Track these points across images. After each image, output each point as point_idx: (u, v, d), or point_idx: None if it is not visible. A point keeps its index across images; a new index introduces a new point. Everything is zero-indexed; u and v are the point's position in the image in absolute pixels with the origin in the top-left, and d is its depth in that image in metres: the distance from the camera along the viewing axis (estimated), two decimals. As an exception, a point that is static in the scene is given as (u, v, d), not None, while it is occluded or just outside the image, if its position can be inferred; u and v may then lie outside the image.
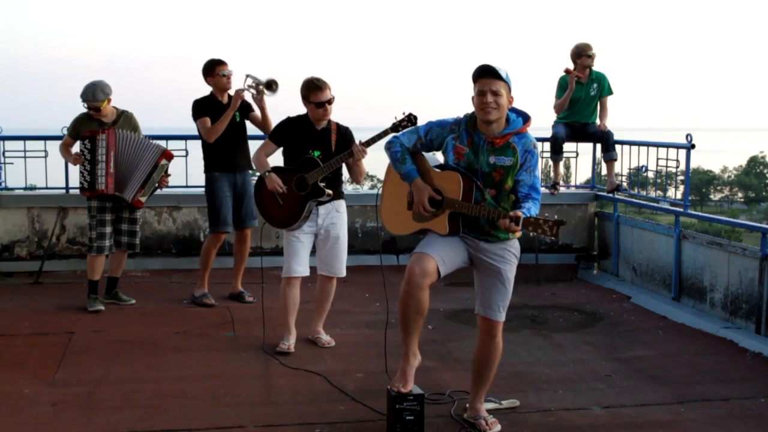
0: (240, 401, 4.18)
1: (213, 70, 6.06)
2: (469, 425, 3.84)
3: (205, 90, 6.16)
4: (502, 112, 3.61)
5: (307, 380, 4.53)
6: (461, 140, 3.72)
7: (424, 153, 3.90)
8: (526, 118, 3.71)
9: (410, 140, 3.86)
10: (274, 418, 3.95)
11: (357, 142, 4.94)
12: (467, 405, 3.94)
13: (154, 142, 6.06)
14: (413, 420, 3.68)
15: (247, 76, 6.00)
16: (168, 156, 6.05)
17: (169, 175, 6.18)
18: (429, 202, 3.75)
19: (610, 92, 7.56)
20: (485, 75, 3.57)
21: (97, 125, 5.89)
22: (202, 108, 6.04)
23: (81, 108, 5.92)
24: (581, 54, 7.42)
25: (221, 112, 6.00)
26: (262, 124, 6.18)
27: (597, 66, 7.54)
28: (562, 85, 7.48)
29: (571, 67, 7.44)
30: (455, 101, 4.57)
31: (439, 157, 3.93)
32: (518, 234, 3.75)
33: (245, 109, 6.20)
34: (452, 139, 3.75)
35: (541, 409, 4.13)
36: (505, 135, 3.64)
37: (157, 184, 6.06)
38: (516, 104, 3.72)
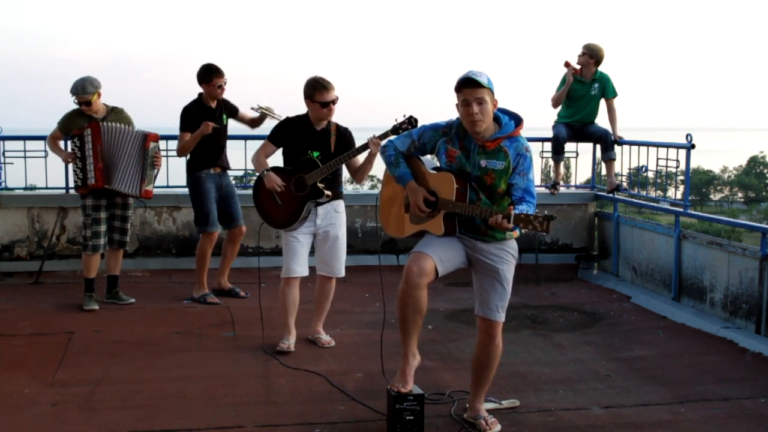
0: (240, 401, 4.17)
1: (210, 78, 6.04)
2: (469, 425, 3.84)
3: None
4: (489, 119, 3.61)
5: (307, 380, 4.53)
6: (453, 143, 3.73)
7: (420, 156, 3.92)
8: (518, 121, 3.70)
9: (404, 144, 3.88)
10: (274, 418, 3.95)
11: (372, 136, 4.91)
12: (467, 405, 3.94)
13: (137, 129, 5.96)
14: (413, 420, 3.68)
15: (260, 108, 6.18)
16: (154, 138, 5.96)
17: (161, 151, 6.08)
18: (425, 203, 3.76)
19: (614, 94, 7.56)
20: (467, 85, 3.55)
21: (87, 121, 5.86)
22: (188, 119, 6.03)
23: (73, 105, 5.88)
24: (581, 53, 7.48)
25: (210, 117, 6.04)
26: (252, 122, 6.35)
27: (601, 66, 7.55)
28: (564, 80, 7.53)
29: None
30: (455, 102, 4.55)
31: (436, 160, 3.95)
32: (516, 234, 3.76)
33: (232, 112, 6.29)
34: (444, 143, 3.76)
35: (541, 409, 4.13)
36: (496, 139, 3.64)
37: (156, 170, 6.04)
38: (516, 104, 3.72)
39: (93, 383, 4.41)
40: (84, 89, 5.76)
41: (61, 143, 6.15)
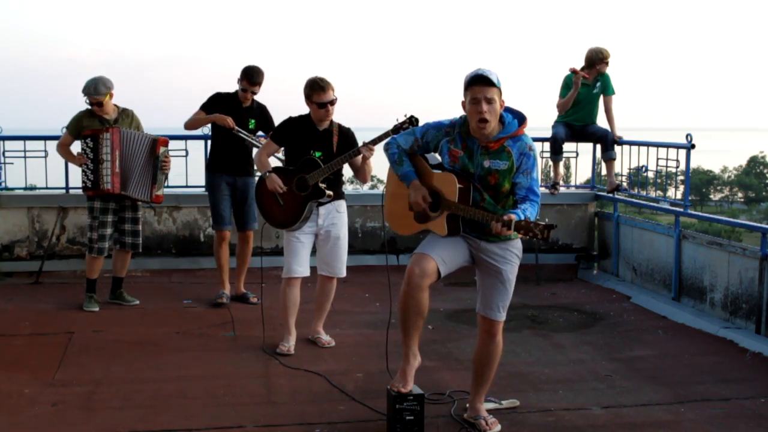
0: (240, 401, 4.18)
1: (240, 79, 6.01)
2: (469, 425, 3.84)
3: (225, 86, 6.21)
4: (496, 119, 3.59)
5: (307, 380, 4.53)
6: (456, 144, 3.72)
7: (423, 154, 3.92)
8: (521, 119, 3.68)
9: (407, 142, 3.88)
10: (274, 418, 3.96)
11: (361, 143, 4.94)
12: (467, 405, 3.95)
13: (148, 134, 5.99)
14: (413, 420, 3.68)
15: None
16: (164, 143, 6.01)
17: (169, 155, 6.08)
18: (428, 204, 3.76)
19: (613, 92, 7.55)
20: (478, 83, 3.54)
21: (98, 123, 5.88)
22: (210, 101, 6.06)
23: (81, 106, 5.92)
24: (600, 59, 7.38)
25: (235, 113, 6.02)
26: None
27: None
28: (567, 84, 7.46)
29: (578, 67, 7.43)
30: (457, 101, 4.55)
31: (439, 156, 3.94)
32: (520, 233, 3.75)
33: (266, 125, 6.21)
34: (447, 142, 3.74)
35: (541, 409, 4.13)
36: (499, 139, 3.62)
37: (165, 174, 6.08)
38: (518, 104, 3.70)
39: (93, 383, 4.41)
40: (96, 90, 5.78)
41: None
